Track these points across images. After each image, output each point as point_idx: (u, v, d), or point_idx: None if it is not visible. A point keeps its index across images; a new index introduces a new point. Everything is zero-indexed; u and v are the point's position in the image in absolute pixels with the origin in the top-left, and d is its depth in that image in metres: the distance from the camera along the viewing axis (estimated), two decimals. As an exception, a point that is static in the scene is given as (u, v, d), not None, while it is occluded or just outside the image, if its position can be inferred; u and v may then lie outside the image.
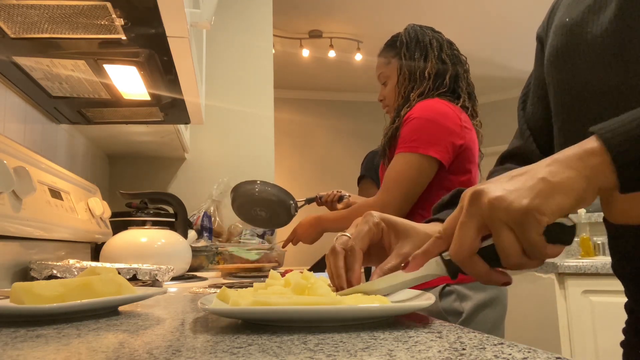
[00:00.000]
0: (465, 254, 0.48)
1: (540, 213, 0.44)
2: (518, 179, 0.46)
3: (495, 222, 0.46)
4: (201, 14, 0.98)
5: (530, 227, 0.44)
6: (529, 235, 0.44)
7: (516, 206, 0.44)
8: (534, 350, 0.35)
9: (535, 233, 0.44)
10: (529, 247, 0.45)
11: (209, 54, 2.40)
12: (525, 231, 0.44)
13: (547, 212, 0.44)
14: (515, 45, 4.67)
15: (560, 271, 1.85)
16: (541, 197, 0.44)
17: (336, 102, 5.75)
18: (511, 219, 0.45)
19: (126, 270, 0.99)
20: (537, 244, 0.45)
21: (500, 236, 0.45)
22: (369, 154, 2.65)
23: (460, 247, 0.48)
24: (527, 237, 0.44)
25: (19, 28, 0.88)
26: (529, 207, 0.44)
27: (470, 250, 0.48)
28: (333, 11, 4.01)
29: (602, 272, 1.77)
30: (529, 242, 0.45)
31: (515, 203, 0.44)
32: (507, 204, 0.45)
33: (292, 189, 2.22)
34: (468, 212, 0.48)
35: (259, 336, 0.43)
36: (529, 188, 0.45)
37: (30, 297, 0.56)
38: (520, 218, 0.44)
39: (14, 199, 0.94)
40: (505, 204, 0.45)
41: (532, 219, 0.44)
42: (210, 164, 2.45)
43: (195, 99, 1.31)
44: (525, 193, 0.45)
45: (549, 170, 0.46)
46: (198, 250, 1.85)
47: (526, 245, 0.45)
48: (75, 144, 1.73)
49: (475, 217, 0.47)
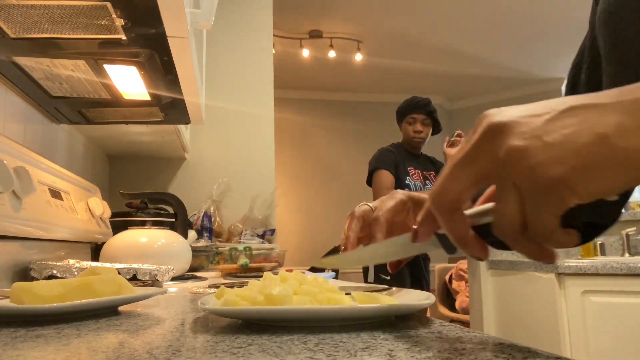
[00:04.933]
0: (446, 203, 0.35)
1: (572, 192, 0.31)
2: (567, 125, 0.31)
3: (503, 180, 0.33)
4: (201, 14, 0.98)
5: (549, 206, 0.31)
6: (542, 214, 0.32)
7: (543, 173, 0.31)
8: (534, 350, 0.35)
9: (552, 214, 0.31)
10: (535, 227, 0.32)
11: (209, 54, 2.40)
12: (540, 208, 0.31)
13: (584, 193, 0.31)
14: (515, 45, 4.67)
15: (560, 271, 1.85)
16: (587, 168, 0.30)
17: (336, 102, 5.75)
18: (528, 185, 0.31)
19: (126, 270, 0.99)
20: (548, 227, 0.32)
21: (503, 200, 0.33)
22: (381, 150, 2.66)
23: (442, 194, 0.35)
24: (540, 215, 0.32)
25: (19, 28, 0.88)
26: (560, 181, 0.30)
27: (454, 201, 0.35)
28: (333, 11, 4.01)
29: (602, 272, 1.77)
30: (537, 222, 0.32)
31: (543, 167, 0.31)
32: (532, 164, 0.31)
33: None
34: (470, 152, 0.34)
35: (259, 336, 0.43)
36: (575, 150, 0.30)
37: (30, 297, 0.56)
38: (541, 190, 0.31)
39: (14, 199, 0.94)
40: (529, 163, 0.31)
41: (557, 196, 0.31)
42: (210, 164, 2.45)
43: (195, 99, 1.31)
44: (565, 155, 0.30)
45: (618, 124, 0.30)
46: (198, 250, 1.85)
47: (534, 223, 0.32)
48: (75, 144, 1.73)
49: (477, 163, 0.34)
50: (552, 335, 1.86)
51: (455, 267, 3.66)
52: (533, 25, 4.29)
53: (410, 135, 2.64)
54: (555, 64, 5.09)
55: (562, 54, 4.84)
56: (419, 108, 2.62)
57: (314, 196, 5.49)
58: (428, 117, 2.63)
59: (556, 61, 5.03)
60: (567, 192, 0.31)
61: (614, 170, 0.30)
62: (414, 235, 0.43)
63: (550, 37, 4.52)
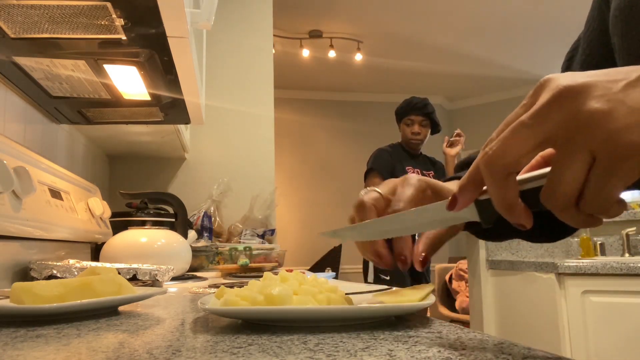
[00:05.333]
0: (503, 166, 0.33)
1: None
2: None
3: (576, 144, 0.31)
4: (201, 14, 0.98)
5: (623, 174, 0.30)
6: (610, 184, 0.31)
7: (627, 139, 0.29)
8: (534, 350, 0.35)
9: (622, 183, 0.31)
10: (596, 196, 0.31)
11: (209, 54, 2.40)
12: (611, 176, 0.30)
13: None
14: (515, 45, 4.67)
15: (560, 271, 1.85)
16: None
17: (336, 102, 5.75)
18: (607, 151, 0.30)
19: (126, 270, 0.99)
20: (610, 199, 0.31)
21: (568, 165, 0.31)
22: (378, 150, 2.66)
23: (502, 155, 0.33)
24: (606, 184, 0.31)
25: (19, 28, 0.88)
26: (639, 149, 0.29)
27: (512, 165, 0.33)
28: (333, 11, 4.01)
29: (602, 272, 1.77)
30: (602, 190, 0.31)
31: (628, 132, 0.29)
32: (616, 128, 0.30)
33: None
34: (541, 113, 0.32)
35: (259, 336, 0.43)
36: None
37: (30, 297, 0.56)
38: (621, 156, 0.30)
39: (14, 199, 0.94)
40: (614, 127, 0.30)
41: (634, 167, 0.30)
42: (210, 164, 2.45)
43: (195, 99, 1.31)
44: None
45: None
46: (198, 250, 1.85)
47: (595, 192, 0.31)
48: (75, 144, 1.73)
49: (548, 124, 0.32)
50: (552, 335, 1.86)
51: (455, 267, 3.67)
52: (533, 25, 4.29)
53: (408, 137, 2.64)
54: (555, 64, 5.09)
55: (562, 54, 4.80)
56: (416, 110, 2.62)
57: (314, 196, 5.49)
58: (426, 118, 2.63)
59: (556, 61, 5.03)
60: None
61: None
62: (451, 201, 0.40)
63: (550, 37, 4.52)
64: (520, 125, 0.33)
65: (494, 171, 0.34)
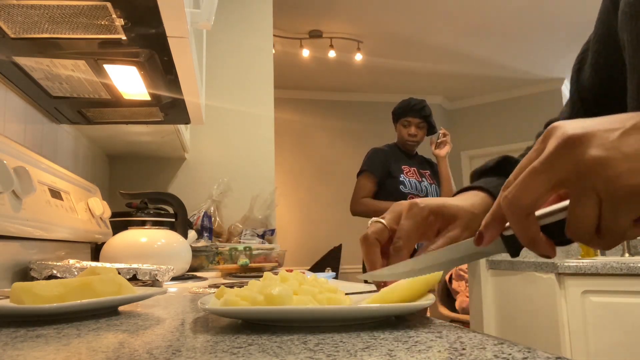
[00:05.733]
0: (523, 207, 0.38)
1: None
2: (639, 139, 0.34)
3: (584, 188, 0.35)
4: (201, 14, 0.98)
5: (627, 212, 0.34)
6: (619, 219, 0.35)
7: (625, 183, 0.33)
8: (534, 350, 0.35)
9: (629, 218, 0.35)
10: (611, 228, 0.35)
11: (209, 54, 2.40)
12: (618, 213, 0.34)
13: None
14: (515, 45, 4.67)
15: (560, 271, 1.85)
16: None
17: (336, 102, 5.75)
18: (609, 193, 0.34)
19: (126, 270, 0.99)
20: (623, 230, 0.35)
21: (581, 206, 0.35)
22: (373, 150, 2.66)
23: (520, 198, 0.38)
24: (616, 219, 0.35)
25: (19, 28, 0.88)
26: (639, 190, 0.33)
27: (530, 207, 0.38)
28: (333, 11, 4.01)
29: (602, 272, 1.77)
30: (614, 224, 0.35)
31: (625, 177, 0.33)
32: (614, 174, 0.34)
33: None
34: (549, 160, 0.36)
35: (259, 336, 0.43)
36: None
37: (30, 297, 0.56)
38: (622, 197, 0.34)
39: (14, 199, 0.94)
40: (612, 172, 0.34)
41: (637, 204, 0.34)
42: (210, 164, 2.45)
43: (196, 99, 1.31)
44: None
45: None
46: (198, 250, 1.85)
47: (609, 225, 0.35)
48: (75, 144, 1.73)
49: (557, 170, 0.36)
50: (552, 335, 1.86)
51: (455, 267, 3.66)
52: (533, 25, 4.29)
53: (405, 138, 2.64)
54: (555, 64, 5.09)
55: (562, 54, 4.84)
56: (414, 112, 2.62)
57: (314, 196, 5.49)
58: (423, 120, 2.63)
59: (556, 61, 5.03)
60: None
61: None
62: (478, 238, 0.44)
63: (550, 37, 4.52)
64: (534, 171, 0.37)
65: (515, 212, 0.38)
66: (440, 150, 2.70)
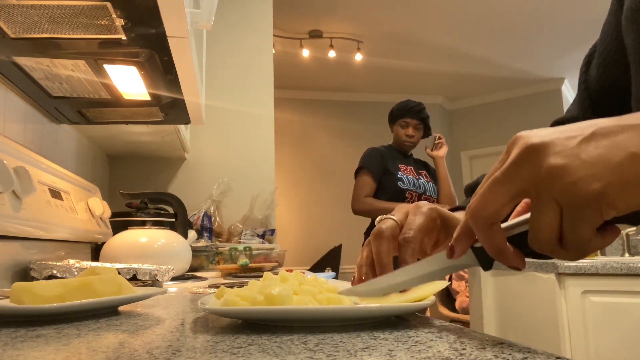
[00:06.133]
0: (485, 218, 0.37)
1: (610, 206, 0.33)
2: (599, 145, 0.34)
3: (543, 196, 0.35)
4: (201, 14, 0.98)
5: (587, 220, 0.34)
6: (580, 228, 0.34)
7: (583, 189, 0.33)
8: (534, 350, 0.35)
9: (590, 227, 0.34)
10: (572, 238, 0.35)
11: (209, 54, 2.40)
12: (578, 222, 0.34)
13: (621, 207, 0.33)
14: (515, 45, 4.67)
15: (560, 271, 1.85)
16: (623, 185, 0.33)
17: (336, 102, 5.75)
18: (567, 201, 0.34)
19: (126, 270, 0.99)
20: (585, 239, 0.34)
21: (541, 215, 0.35)
22: (370, 149, 2.66)
23: (482, 209, 0.37)
24: (578, 229, 0.34)
25: (19, 28, 0.88)
26: (598, 197, 0.33)
27: (492, 217, 0.37)
28: (333, 11, 4.01)
29: (602, 272, 1.77)
30: (575, 234, 0.34)
31: (583, 184, 0.33)
32: (572, 181, 0.33)
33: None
34: (510, 170, 0.36)
35: (259, 336, 0.43)
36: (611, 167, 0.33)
37: (30, 297, 0.56)
38: (580, 205, 0.33)
39: (14, 199, 0.94)
40: (569, 179, 0.33)
41: (596, 211, 0.33)
42: (210, 164, 2.45)
43: (195, 99, 1.31)
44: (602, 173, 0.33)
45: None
46: (198, 250, 1.85)
47: (570, 235, 0.35)
48: (76, 144, 1.73)
49: (517, 180, 0.36)
50: (552, 335, 1.86)
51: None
52: (533, 25, 4.29)
53: (402, 139, 2.64)
54: (555, 64, 5.09)
55: (561, 54, 4.84)
56: (412, 113, 2.62)
57: (314, 196, 5.49)
58: (421, 122, 2.64)
59: (556, 61, 5.03)
60: (605, 206, 0.33)
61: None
62: (450, 251, 0.44)
63: (550, 37, 4.52)
64: (496, 182, 0.37)
65: (477, 223, 0.38)
66: (438, 151, 2.70)
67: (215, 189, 2.29)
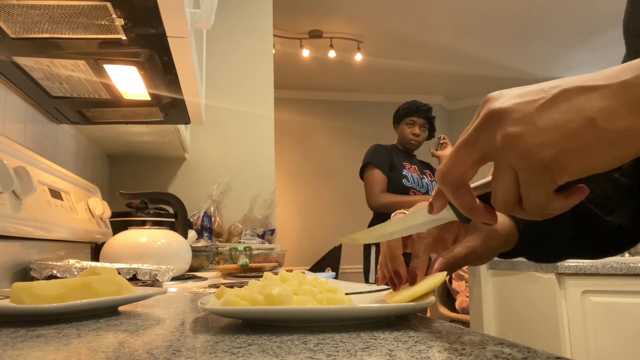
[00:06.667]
0: (452, 181, 0.39)
1: (562, 172, 0.34)
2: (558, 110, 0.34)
3: (500, 162, 0.36)
4: (201, 14, 0.98)
5: (540, 185, 0.35)
6: (534, 192, 0.35)
7: (535, 156, 0.34)
8: (534, 350, 0.35)
9: (544, 192, 0.35)
10: (529, 202, 0.36)
11: (209, 54, 2.40)
12: (532, 187, 0.35)
13: (574, 173, 0.34)
14: (515, 45, 4.67)
15: (560, 271, 1.85)
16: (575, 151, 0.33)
17: (336, 102, 5.75)
18: (521, 167, 0.35)
19: (126, 270, 0.99)
20: (540, 202, 0.36)
21: (500, 179, 0.37)
22: (376, 145, 2.67)
23: (448, 173, 0.39)
24: (532, 193, 0.36)
25: (19, 28, 0.88)
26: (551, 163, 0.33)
27: (458, 180, 0.39)
28: (333, 11, 4.01)
29: (602, 272, 1.77)
30: (531, 197, 0.36)
31: (536, 151, 0.34)
32: (525, 148, 0.34)
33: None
34: (473, 135, 0.37)
35: (259, 336, 0.43)
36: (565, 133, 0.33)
37: (30, 297, 0.56)
38: (533, 171, 0.34)
39: (14, 199, 0.94)
40: (523, 147, 0.34)
41: (548, 177, 0.34)
42: (210, 164, 2.45)
43: (196, 99, 1.31)
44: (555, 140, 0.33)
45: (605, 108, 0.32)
46: (198, 250, 1.85)
47: (527, 199, 0.36)
48: (75, 144, 1.73)
49: (479, 144, 0.37)
50: (552, 335, 1.86)
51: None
52: (532, 25, 4.29)
53: (408, 138, 2.64)
54: (555, 63, 5.09)
55: (561, 53, 4.84)
56: (420, 112, 2.64)
57: (314, 196, 5.48)
58: (427, 122, 2.65)
59: (555, 61, 5.03)
60: (557, 171, 0.34)
61: (601, 151, 0.33)
62: (429, 207, 0.47)
63: (549, 37, 4.52)
64: (459, 146, 0.39)
65: (445, 185, 0.40)
66: (443, 151, 2.71)
67: (215, 189, 2.29)
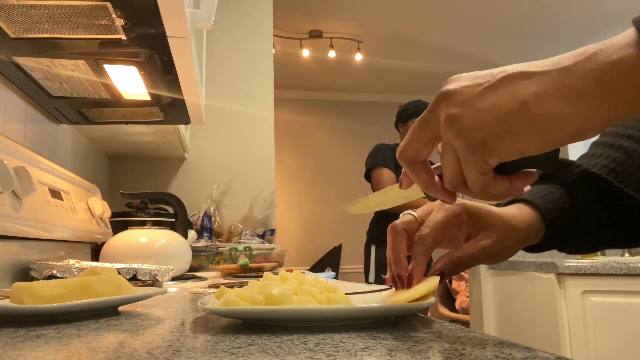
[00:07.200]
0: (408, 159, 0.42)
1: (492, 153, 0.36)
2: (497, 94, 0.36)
3: (445, 142, 0.39)
4: (201, 14, 0.98)
5: (473, 165, 0.37)
6: (469, 172, 0.38)
7: (468, 137, 0.36)
8: (534, 350, 0.35)
9: (477, 171, 0.38)
10: (469, 181, 0.39)
11: (209, 54, 2.40)
12: (466, 166, 0.38)
13: (503, 154, 0.36)
14: (515, 45, 4.67)
15: (560, 271, 1.85)
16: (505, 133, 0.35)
17: (336, 102, 5.75)
18: (457, 147, 0.38)
19: (126, 270, 0.99)
20: (477, 182, 0.38)
21: (444, 158, 0.40)
22: (379, 145, 2.66)
23: (405, 151, 0.42)
24: (468, 173, 0.38)
25: (19, 28, 0.88)
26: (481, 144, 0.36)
27: (414, 157, 0.42)
28: (333, 11, 4.01)
29: (602, 272, 1.77)
30: (468, 177, 0.38)
31: (469, 131, 0.36)
32: (461, 128, 0.37)
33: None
34: (425, 116, 0.40)
35: (259, 336, 0.43)
36: (497, 115, 0.35)
37: (30, 297, 0.56)
38: (467, 150, 0.37)
39: (14, 199, 0.94)
40: (459, 127, 0.37)
41: (480, 157, 0.37)
42: (210, 164, 2.45)
43: (196, 99, 1.31)
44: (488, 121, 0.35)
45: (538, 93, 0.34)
46: (198, 250, 1.85)
47: (467, 178, 0.39)
48: (75, 144, 1.73)
49: (430, 125, 0.40)
50: (552, 335, 1.86)
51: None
52: (532, 25, 4.29)
53: None
54: (555, 64, 5.09)
55: (561, 54, 4.83)
56: None
57: (314, 196, 5.48)
58: None
59: (556, 61, 5.03)
60: (487, 152, 0.36)
61: (530, 135, 0.35)
62: (399, 183, 0.50)
63: (550, 37, 4.52)
64: (416, 125, 0.41)
65: (403, 162, 0.43)
66: None
67: (215, 189, 2.29)
